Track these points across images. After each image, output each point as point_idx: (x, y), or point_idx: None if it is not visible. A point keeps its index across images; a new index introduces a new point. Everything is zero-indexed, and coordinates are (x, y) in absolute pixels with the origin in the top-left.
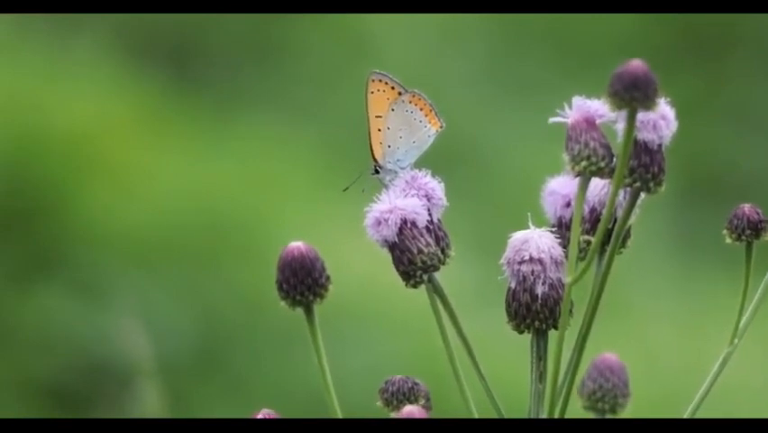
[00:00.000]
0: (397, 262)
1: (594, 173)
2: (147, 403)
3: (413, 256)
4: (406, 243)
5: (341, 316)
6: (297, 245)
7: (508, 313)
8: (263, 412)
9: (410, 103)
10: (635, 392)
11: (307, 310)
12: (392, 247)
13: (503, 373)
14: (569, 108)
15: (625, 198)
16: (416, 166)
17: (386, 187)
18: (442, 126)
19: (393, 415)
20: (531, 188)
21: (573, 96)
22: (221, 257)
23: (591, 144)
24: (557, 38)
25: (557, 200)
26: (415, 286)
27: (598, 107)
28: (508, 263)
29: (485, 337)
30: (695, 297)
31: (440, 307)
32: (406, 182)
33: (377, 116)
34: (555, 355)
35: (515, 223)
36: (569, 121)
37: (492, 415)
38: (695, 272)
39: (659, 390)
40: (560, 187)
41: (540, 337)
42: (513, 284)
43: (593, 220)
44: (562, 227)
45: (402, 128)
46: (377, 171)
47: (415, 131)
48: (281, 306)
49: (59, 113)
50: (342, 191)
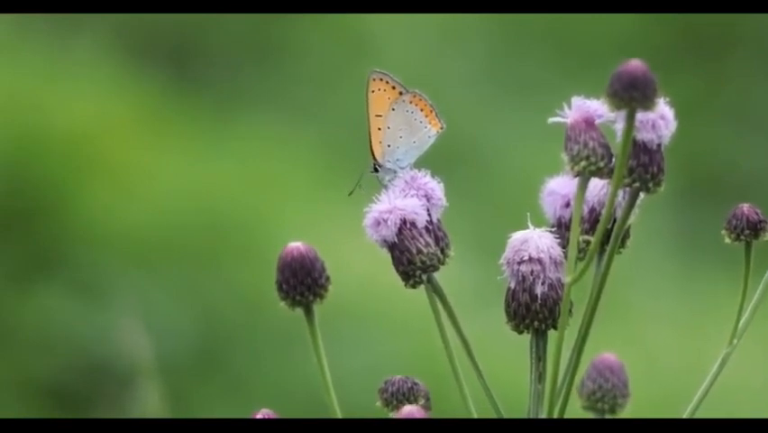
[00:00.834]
0: (397, 262)
1: (593, 173)
2: (147, 403)
3: (412, 256)
4: (406, 243)
5: (340, 316)
6: (297, 246)
7: (508, 313)
8: (263, 412)
9: (411, 103)
10: (634, 392)
11: (307, 310)
12: (392, 247)
13: (502, 373)
14: (568, 108)
15: (624, 198)
16: (415, 166)
17: (385, 187)
18: (442, 128)
19: (393, 415)
20: (530, 189)
21: (573, 97)
22: (221, 257)
23: (590, 144)
24: (557, 38)
25: (556, 200)
26: (414, 286)
27: (597, 107)
28: (508, 263)
29: (484, 337)
30: (695, 297)
31: (439, 307)
32: (406, 182)
33: (377, 116)
34: (555, 356)
35: (514, 223)
36: (568, 121)
37: (492, 415)
38: (695, 272)
39: (659, 390)
40: (559, 187)
41: (539, 337)
42: (512, 284)
43: (592, 220)
44: (561, 227)
45: (402, 128)
46: (376, 170)
47: (415, 131)
48: (281, 306)
49: (59, 113)
50: (348, 195)
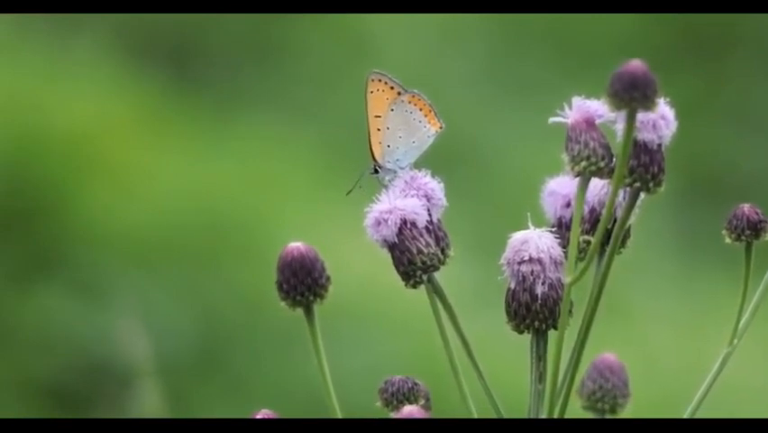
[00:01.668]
0: (397, 262)
1: (594, 173)
2: (147, 403)
3: (413, 256)
4: (406, 243)
5: (341, 316)
6: (297, 246)
7: (508, 313)
8: (263, 412)
9: (410, 103)
10: (634, 392)
11: (307, 311)
12: (392, 247)
13: (503, 374)
14: (568, 108)
15: (624, 199)
16: (415, 166)
17: (385, 187)
18: (441, 127)
19: (393, 415)
20: (531, 189)
21: (573, 97)
22: (221, 257)
23: (591, 144)
24: (557, 38)
25: (557, 200)
26: (414, 286)
27: (597, 107)
28: (508, 263)
29: (485, 337)
30: (695, 297)
31: (439, 307)
32: (406, 182)
33: (376, 116)
34: (555, 356)
35: (514, 223)
36: (569, 121)
37: (492, 415)
38: (695, 273)
39: (659, 390)
40: (559, 187)
41: (540, 337)
42: (513, 284)
43: (593, 220)
44: (561, 227)
45: (401, 128)
46: (376, 171)
47: (414, 131)
48: (281, 306)
49: (59, 113)
50: (346, 195)
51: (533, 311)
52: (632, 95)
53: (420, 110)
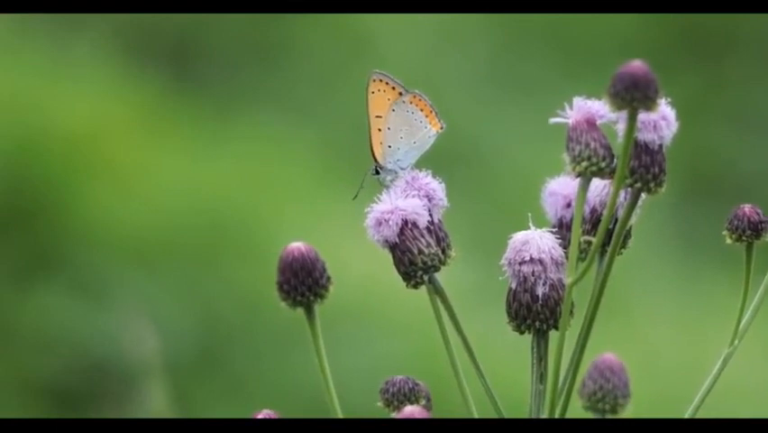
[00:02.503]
0: (398, 262)
1: (595, 174)
2: (147, 403)
3: (414, 257)
4: (407, 243)
5: (341, 316)
6: (298, 246)
7: (509, 313)
8: (264, 413)
9: (411, 103)
10: (635, 393)
11: (308, 311)
12: (393, 248)
13: (503, 374)
14: (569, 109)
15: (625, 199)
16: (416, 166)
17: (386, 187)
18: (442, 128)
19: (394, 415)
20: (531, 189)
21: (574, 97)
22: (221, 257)
23: (592, 145)
24: (558, 38)
25: (558, 201)
26: (415, 286)
27: (598, 108)
28: (509, 264)
29: (485, 338)
30: (695, 297)
31: (440, 307)
32: (407, 183)
33: (377, 116)
34: (556, 356)
35: (515, 223)
36: (569, 121)
37: (492, 415)
38: (695, 273)
39: (659, 390)
40: (560, 187)
41: (541, 338)
42: (514, 285)
43: (594, 221)
44: (562, 228)
45: (402, 128)
46: (377, 172)
47: (415, 131)
48: (282, 306)
49: (59, 113)
50: (352, 199)
51: (534, 312)
52: (633, 95)
53: (421, 111)
